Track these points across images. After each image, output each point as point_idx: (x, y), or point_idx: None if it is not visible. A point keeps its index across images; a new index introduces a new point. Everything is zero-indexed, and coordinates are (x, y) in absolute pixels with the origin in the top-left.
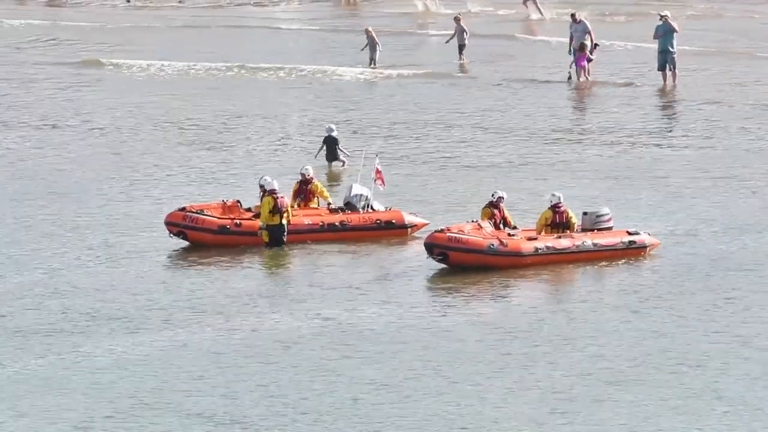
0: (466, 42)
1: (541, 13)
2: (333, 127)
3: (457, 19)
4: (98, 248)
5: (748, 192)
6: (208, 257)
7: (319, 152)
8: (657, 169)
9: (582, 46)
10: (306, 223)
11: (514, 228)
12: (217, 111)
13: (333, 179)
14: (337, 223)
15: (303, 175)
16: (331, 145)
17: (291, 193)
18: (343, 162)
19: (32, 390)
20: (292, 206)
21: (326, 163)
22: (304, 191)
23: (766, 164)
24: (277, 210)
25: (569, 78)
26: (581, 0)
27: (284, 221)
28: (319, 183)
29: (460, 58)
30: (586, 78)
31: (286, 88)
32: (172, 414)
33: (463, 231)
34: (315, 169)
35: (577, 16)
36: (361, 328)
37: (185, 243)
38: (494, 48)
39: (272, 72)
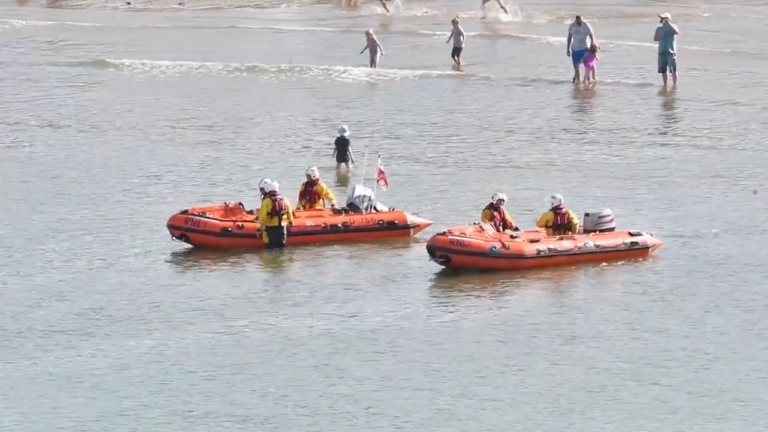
0: (463, 45)
1: (505, 11)
2: (345, 127)
3: (454, 22)
4: (100, 250)
5: (750, 192)
6: (209, 259)
7: (335, 153)
8: (659, 170)
9: (593, 48)
10: (309, 224)
11: (515, 230)
12: (219, 112)
13: (340, 180)
14: (339, 224)
15: (309, 176)
16: (341, 146)
17: (297, 194)
18: (347, 165)
19: (34, 390)
20: (297, 208)
21: (335, 163)
22: (309, 192)
23: None
24: (275, 212)
25: (574, 79)
26: (582, 2)
27: (284, 223)
28: (324, 184)
29: (456, 61)
30: (594, 80)
31: (288, 89)
32: (173, 414)
33: (465, 233)
34: (321, 170)
35: (581, 19)
36: (362, 328)
37: (188, 245)
38: (495, 48)
39: (273, 74)
